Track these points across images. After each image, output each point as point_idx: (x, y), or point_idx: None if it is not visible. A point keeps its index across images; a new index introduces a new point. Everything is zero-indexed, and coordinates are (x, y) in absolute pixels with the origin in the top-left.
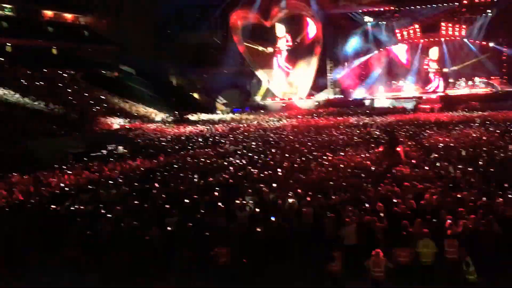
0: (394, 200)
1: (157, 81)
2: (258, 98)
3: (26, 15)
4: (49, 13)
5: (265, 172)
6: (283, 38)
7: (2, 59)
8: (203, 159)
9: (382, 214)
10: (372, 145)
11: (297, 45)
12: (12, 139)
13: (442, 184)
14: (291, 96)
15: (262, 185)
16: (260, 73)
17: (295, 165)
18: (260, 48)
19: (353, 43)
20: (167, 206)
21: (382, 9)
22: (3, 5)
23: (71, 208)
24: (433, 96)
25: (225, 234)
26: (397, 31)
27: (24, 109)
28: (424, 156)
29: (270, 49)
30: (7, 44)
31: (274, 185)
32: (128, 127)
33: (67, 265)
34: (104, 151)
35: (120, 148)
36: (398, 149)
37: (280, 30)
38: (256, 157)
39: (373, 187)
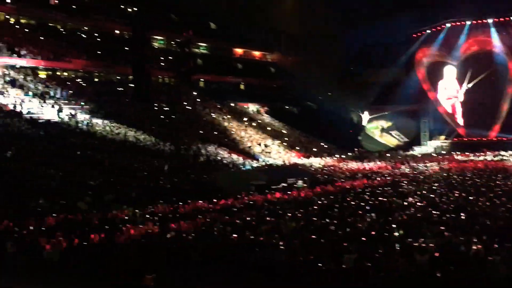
0: None
1: (338, 117)
2: (441, 138)
3: (218, 53)
4: (239, 50)
5: (447, 215)
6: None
7: (195, 93)
8: (381, 198)
9: None
10: None
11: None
12: (201, 171)
13: None
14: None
15: (443, 228)
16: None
17: (479, 209)
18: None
19: None
20: (344, 243)
21: None
22: (199, 44)
23: (251, 237)
24: None
25: (403, 277)
26: None
27: (210, 142)
28: None
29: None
30: (201, 79)
31: (457, 229)
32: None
33: None
34: (285, 184)
35: (300, 182)
36: None
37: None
38: (437, 199)
39: None
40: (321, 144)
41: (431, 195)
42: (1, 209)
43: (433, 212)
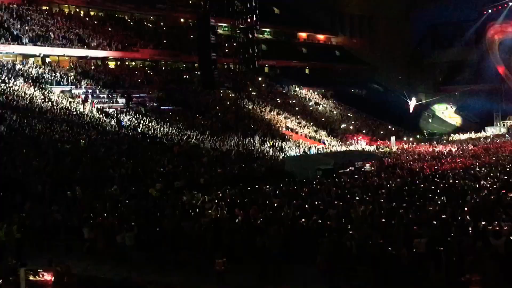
0: None
1: (405, 99)
2: None
3: (283, 37)
4: (303, 35)
5: None
6: None
7: (260, 79)
8: (451, 180)
9: None
10: None
11: None
12: (268, 156)
13: None
14: None
15: None
16: None
17: None
18: None
19: None
20: (415, 227)
21: None
22: (263, 29)
23: (319, 221)
24: None
25: (479, 260)
26: None
27: (276, 127)
28: None
29: None
30: (265, 65)
31: None
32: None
33: (317, 278)
34: (352, 168)
35: (367, 165)
36: None
37: None
38: (511, 180)
39: None
40: (389, 127)
41: (505, 177)
42: (76, 196)
43: (506, 193)
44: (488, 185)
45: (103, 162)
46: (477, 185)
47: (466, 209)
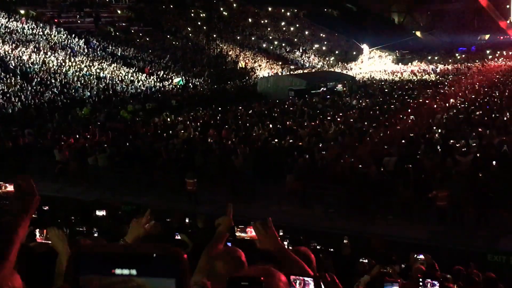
0: None
1: (378, 18)
2: (486, 37)
3: None
4: None
5: (492, 116)
6: None
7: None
8: (421, 100)
9: None
10: None
11: None
12: (238, 77)
13: None
14: None
15: (484, 129)
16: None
17: None
18: None
19: None
20: (385, 146)
21: None
22: None
23: (291, 141)
24: None
25: (446, 177)
26: None
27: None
28: None
29: None
30: None
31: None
32: None
33: (288, 197)
34: (324, 89)
35: (339, 86)
36: None
37: None
38: (479, 99)
39: None
40: (362, 48)
41: (473, 96)
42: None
43: (473, 111)
44: (457, 104)
45: (74, 83)
46: (447, 104)
47: (434, 127)
